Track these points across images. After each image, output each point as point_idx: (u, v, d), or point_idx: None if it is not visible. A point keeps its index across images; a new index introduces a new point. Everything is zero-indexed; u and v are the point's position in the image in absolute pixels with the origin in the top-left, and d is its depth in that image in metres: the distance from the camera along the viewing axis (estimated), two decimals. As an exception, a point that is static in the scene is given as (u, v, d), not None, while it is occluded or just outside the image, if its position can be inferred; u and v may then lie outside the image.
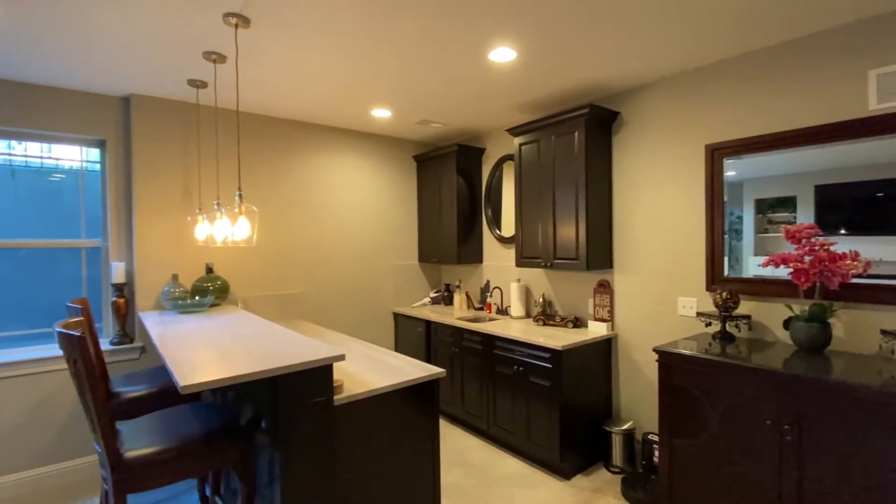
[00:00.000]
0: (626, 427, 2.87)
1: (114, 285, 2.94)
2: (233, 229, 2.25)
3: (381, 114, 3.50)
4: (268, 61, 2.49)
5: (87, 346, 1.48)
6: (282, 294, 3.59)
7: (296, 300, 3.67)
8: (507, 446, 3.22)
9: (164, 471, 1.59)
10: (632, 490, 2.54)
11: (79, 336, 1.44)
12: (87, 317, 2.22)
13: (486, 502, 2.56)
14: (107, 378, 2.28)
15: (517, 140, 3.40)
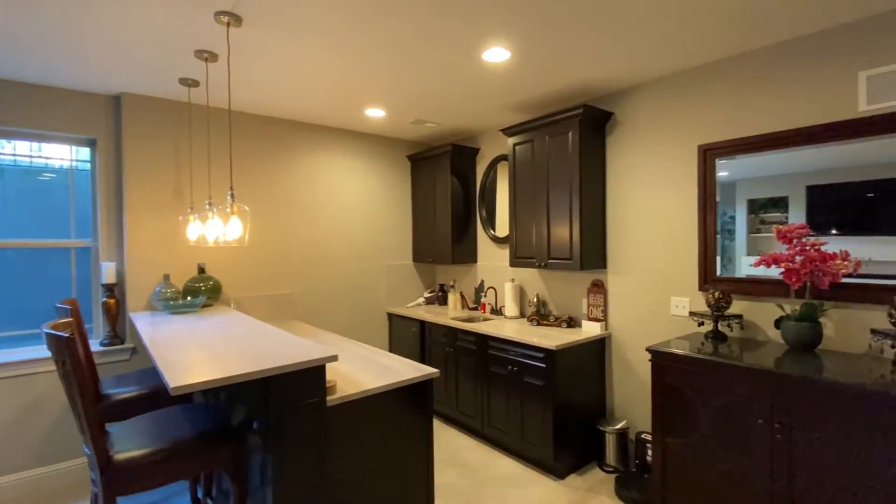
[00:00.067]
0: (619, 426, 2.88)
1: (104, 286, 2.91)
2: (224, 229, 2.23)
3: (374, 113, 3.49)
4: (260, 60, 2.48)
5: (75, 348, 1.46)
6: (275, 294, 3.57)
7: (289, 300, 3.65)
8: (501, 446, 3.22)
9: (155, 473, 1.57)
10: (625, 489, 2.55)
11: (67, 337, 1.42)
12: (77, 318, 2.19)
13: (480, 502, 2.56)
14: (97, 379, 2.26)
15: (511, 140, 3.40)
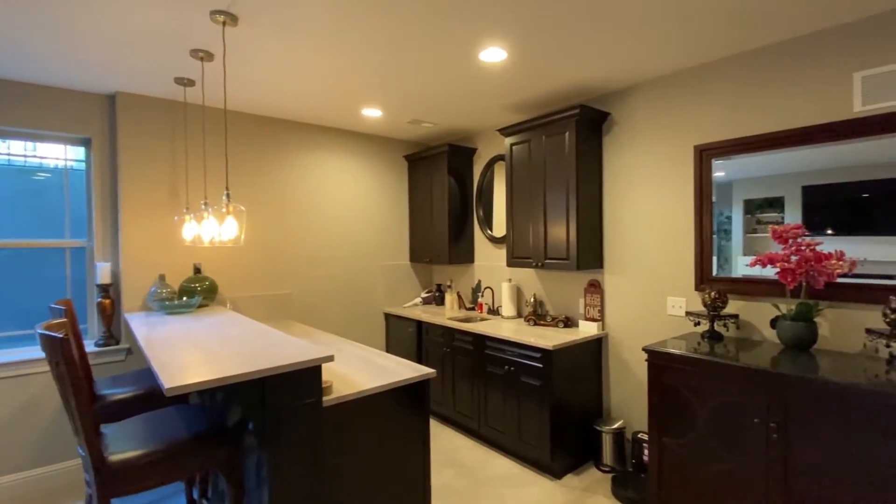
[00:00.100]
0: (616, 426, 2.88)
1: (99, 286, 2.89)
2: (220, 229, 2.22)
3: (371, 113, 3.49)
4: (256, 59, 2.47)
5: (69, 348, 1.45)
6: (271, 294, 3.56)
7: (285, 301, 3.64)
8: (498, 446, 3.22)
9: (150, 474, 1.56)
10: (622, 489, 2.55)
11: (61, 338, 1.41)
12: (71, 318, 2.18)
13: (477, 502, 2.56)
14: (91, 380, 2.24)
15: (508, 140, 3.40)
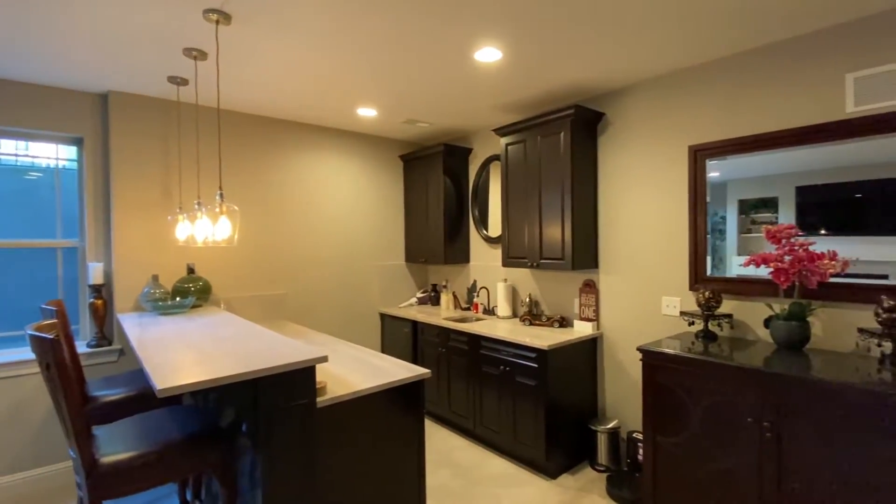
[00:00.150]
0: (611, 426, 2.89)
1: (91, 286, 2.87)
2: (214, 229, 2.21)
3: (366, 113, 3.48)
4: (250, 58, 2.45)
5: (60, 349, 1.43)
6: (266, 295, 3.55)
7: (280, 301, 3.62)
8: (493, 446, 3.22)
9: (142, 476, 1.55)
10: (616, 488, 2.56)
11: (51, 339, 1.40)
12: (63, 319, 2.16)
13: (472, 503, 2.56)
14: (83, 381, 2.22)
15: (503, 140, 3.40)
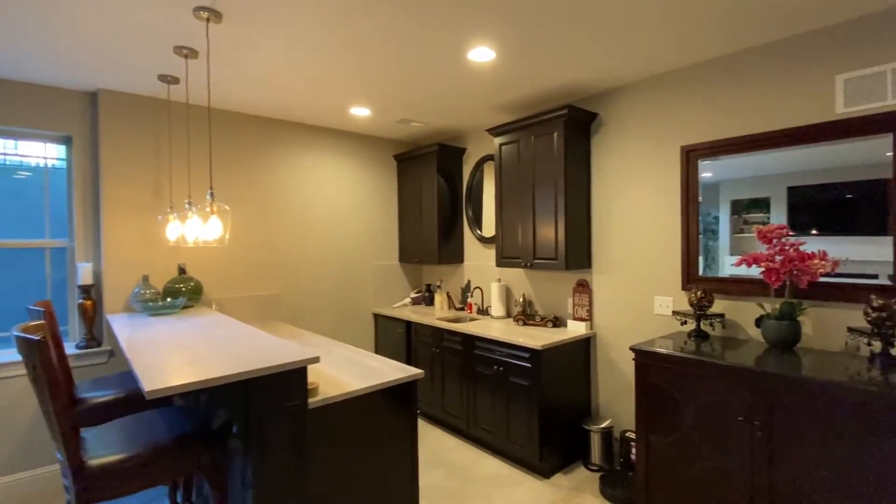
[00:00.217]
0: (604, 425, 2.89)
1: (80, 287, 2.83)
2: (204, 229, 2.19)
3: (360, 112, 3.46)
4: (241, 57, 2.43)
5: (47, 351, 1.41)
6: (258, 295, 3.52)
7: (273, 301, 3.60)
8: (486, 446, 3.21)
9: (131, 478, 1.53)
10: (610, 488, 2.56)
11: (38, 340, 1.37)
12: (51, 320, 2.13)
13: (466, 503, 2.55)
14: (71, 383, 2.19)
15: (497, 140, 3.40)
